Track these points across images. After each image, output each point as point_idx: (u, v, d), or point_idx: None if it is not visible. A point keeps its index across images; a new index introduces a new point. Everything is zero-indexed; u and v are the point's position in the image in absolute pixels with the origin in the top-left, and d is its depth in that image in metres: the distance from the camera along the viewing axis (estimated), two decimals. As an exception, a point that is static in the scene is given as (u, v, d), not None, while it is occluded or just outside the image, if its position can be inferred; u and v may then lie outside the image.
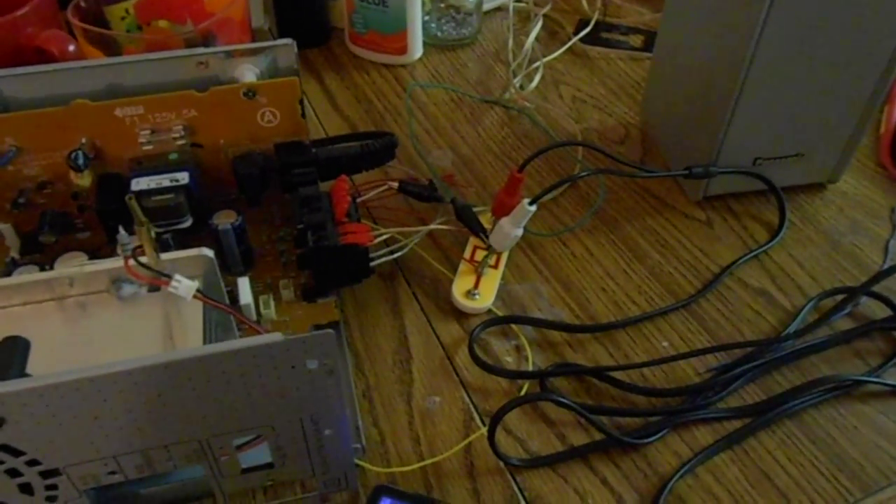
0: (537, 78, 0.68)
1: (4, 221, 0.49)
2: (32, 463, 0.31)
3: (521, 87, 0.68)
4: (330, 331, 0.31)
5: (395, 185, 0.53)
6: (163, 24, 0.63)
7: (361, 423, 0.43)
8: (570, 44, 0.73)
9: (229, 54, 0.47)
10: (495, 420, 0.41)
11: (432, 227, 0.51)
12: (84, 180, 0.46)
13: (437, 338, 0.48)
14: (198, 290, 0.35)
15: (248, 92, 0.47)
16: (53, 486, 0.32)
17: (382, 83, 0.70)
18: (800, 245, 0.55)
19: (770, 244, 0.54)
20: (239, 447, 0.35)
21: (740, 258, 0.53)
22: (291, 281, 0.48)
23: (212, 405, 0.31)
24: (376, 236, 0.48)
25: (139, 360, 0.29)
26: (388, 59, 0.71)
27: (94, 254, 0.49)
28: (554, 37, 0.76)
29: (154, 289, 0.38)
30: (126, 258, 0.35)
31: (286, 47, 0.47)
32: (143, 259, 0.36)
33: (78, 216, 0.50)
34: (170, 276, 0.34)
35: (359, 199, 0.52)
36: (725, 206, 0.58)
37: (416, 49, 0.71)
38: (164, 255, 0.37)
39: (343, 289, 0.50)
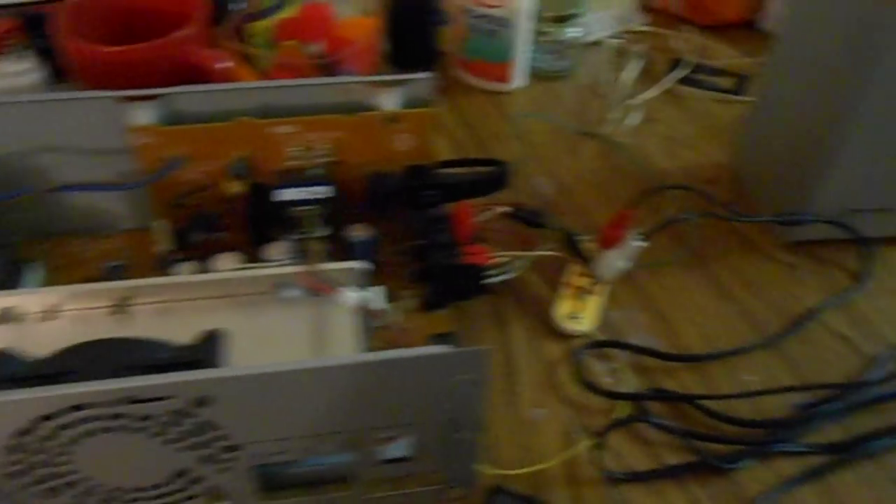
0: (635, 116, 0.72)
1: (161, 218, 0.55)
2: (221, 438, 0.36)
3: (616, 122, 0.72)
4: (483, 348, 0.35)
5: (509, 209, 0.58)
6: (292, 43, 0.69)
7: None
8: (667, 84, 0.77)
9: (374, 83, 0.52)
10: (603, 434, 0.45)
11: (542, 252, 0.56)
12: (239, 188, 0.52)
13: (541, 354, 0.53)
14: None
15: (392, 118, 0.52)
16: (230, 460, 0.38)
17: (485, 108, 0.74)
18: (885, 295, 0.58)
19: (855, 292, 0.57)
20: (384, 440, 0.40)
21: (825, 303, 0.57)
22: (413, 292, 0.53)
23: (378, 402, 0.36)
24: (493, 258, 0.53)
25: (338, 358, 0.34)
26: (493, 86, 0.76)
27: (235, 251, 0.55)
28: (646, 74, 0.80)
29: (312, 294, 0.43)
30: (304, 268, 0.40)
31: (424, 80, 0.52)
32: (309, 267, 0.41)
33: (224, 218, 0.55)
34: (342, 288, 0.39)
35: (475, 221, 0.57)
36: (812, 251, 0.61)
37: (520, 78, 0.76)
38: (326, 266, 0.42)
39: (456, 303, 0.55)
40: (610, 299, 0.56)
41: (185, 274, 0.49)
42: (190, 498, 0.38)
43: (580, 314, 0.54)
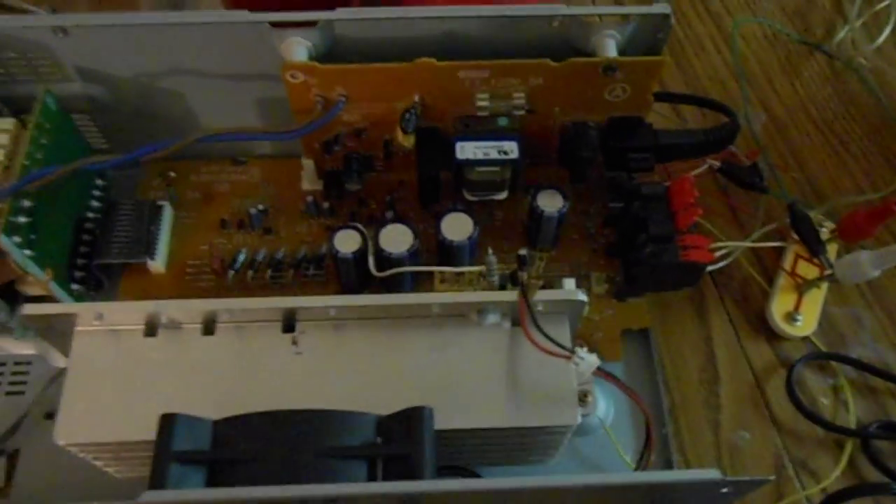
0: (887, 30, 0.57)
1: (308, 157, 0.46)
2: None
3: (854, 33, 0.57)
4: (763, 478, 0.28)
5: (717, 164, 0.47)
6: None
7: (675, 456, 0.42)
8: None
9: (592, 16, 0.40)
10: None
11: (766, 245, 0.46)
12: (409, 140, 0.42)
13: (748, 359, 0.45)
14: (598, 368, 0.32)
15: (610, 68, 0.40)
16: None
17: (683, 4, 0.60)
18: None
19: None
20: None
21: None
22: (604, 275, 0.45)
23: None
24: (715, 254, 0.43)
25: (608, 477, 0.28)
26: (694, -33, 0.61)
27: (399, 204, 0.47)
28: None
29: (514, 323, 0.35)
30: (524, 318, 0.32)
31: (661, 17, 0.40)
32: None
33: (382, 160, 0.46)
34: (573, 352, 0.32)
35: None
36: None
37: (729, -43, 0.60)
38: (539, 296, 0.34)
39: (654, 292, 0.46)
40: (832, 292, 0.47)
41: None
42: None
43: (799, 315, 0.45)
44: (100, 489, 0.39)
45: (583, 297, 0.34)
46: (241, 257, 0.45)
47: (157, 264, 0.44)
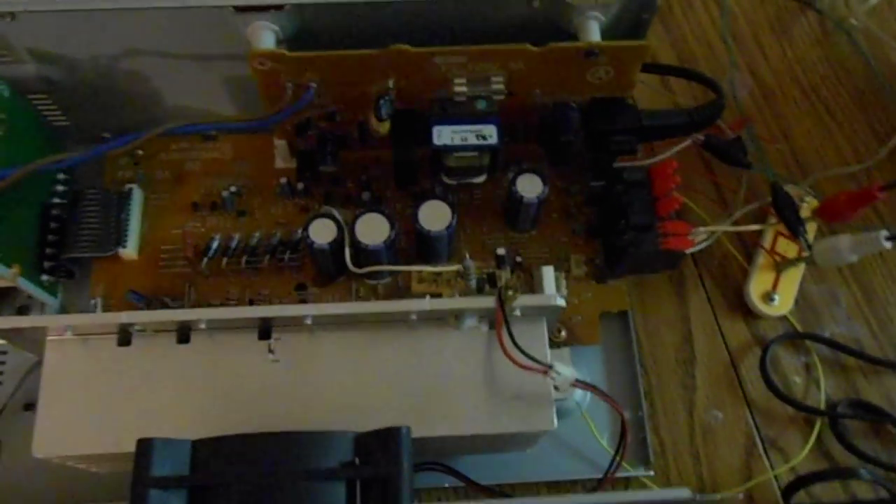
0: (880, -11, 0.54)
1: (280, 138, 0.45)
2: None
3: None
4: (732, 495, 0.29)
5: (701, 139, 0.46)
6: None
7: (649, 437, 0.42)
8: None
9: (575, -2, 0.38)
10: (792, 488, 0.40)
11: (747, 228, 0.45)
12: (383, 127, 0.40)
13: (723, 338, 0.45)
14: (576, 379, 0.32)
15: (591, 52, 0.38)
16: None
17: (672, -52, 0.57)
18: None
19: None
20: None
21: None
22: (583, 257, 0.45)
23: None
24: (695, 239, 0.43)
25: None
26: (684, -87, 0.57)
27: (375, 183, 0.45)
28: None
29: (492, 326, 0.35)
30: (501, 336, 0.32)
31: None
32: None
33: (357, 140, 0.45)
34: (550, 367, 0.32)
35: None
36: None
37: None
38: (516, 301, 0.34)
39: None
40: (810, 269, 0.47)
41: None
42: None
43: (776, 294, 0.45)
44: (83, 480, 0.39)
45: (561, 301, 0.34)
46: (215, 244, 0.44)
47: (129, 251, 0.43)
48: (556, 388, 0.32)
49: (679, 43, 0.53)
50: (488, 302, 0.34)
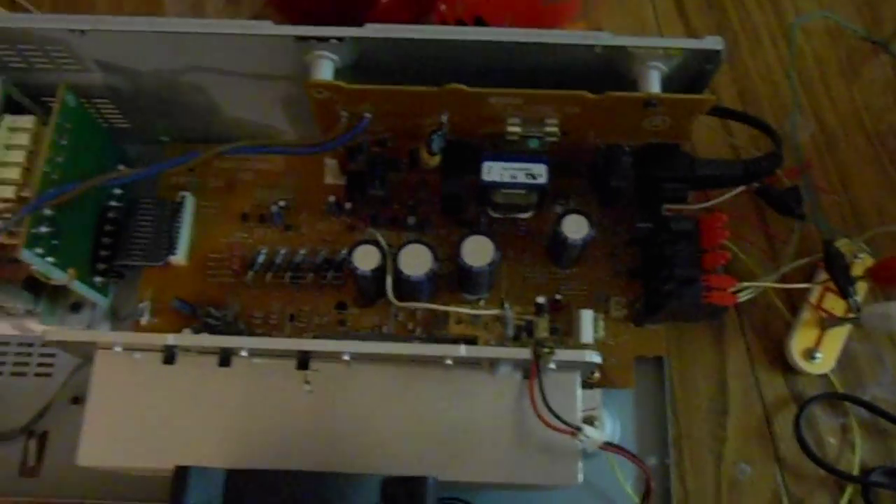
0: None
1: (331, 158, 0.45)
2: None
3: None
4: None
5: (755, 185, 0.45)
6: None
7: (673, 485, 0.42)
8: None
9: (640, 48, 0.37)
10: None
11: (791, 286, 0.44)
12: (434, 160, 0.41)
13: (760, 392, 0.45)
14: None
15: (650, 103, 0.38)
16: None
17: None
18: None
19: None
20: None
21: None
22: (624, 299, 0.44)
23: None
24: (738, 295, 0.42)
25: None
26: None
27: (422, 207, 0.46)
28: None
29: (526, 375, 0.35)
30: (534, 398, 0.32)
31: (711, 52, 0.37)
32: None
33: (407, 166, 0.45)
34: (579, 429, 0.32)
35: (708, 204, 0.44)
36: None
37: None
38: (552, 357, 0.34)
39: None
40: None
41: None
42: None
43: (819, 352, 0.44)
44: (125, 478, 0.41)
45: (596, 359, 0.34)
46: (261, 258, 0.45)
47: (179, 258, 0.45)
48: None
49: (742, 79, 0.52)
50: (523, 353, 0.34)
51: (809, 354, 0.45)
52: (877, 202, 0.49)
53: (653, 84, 0.37)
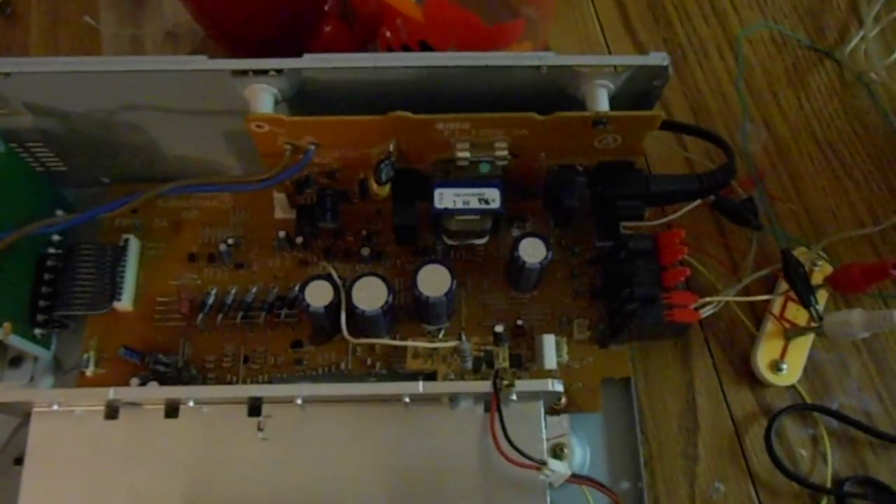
0: (900, 41, 0.53)
1: (280, 191, 0.44)
2: None
3: (868, 44, 0.53)
4: None
5: (711, 198, 0.45)
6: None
7: (647, 510, 0.41)
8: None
9: (585, 67, 0.36)
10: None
11: (753, 298, 0.44)
12: (383, 191, 0.40)
13: (728, 408, 0.44)
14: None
15: (600, 121, 0.37)
16: None
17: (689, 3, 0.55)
18: None
19: None
20: None
21: None
22: (586, 321, 0.43)
23: None
24: (700, 311, 0.41)
25: None
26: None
27: (376, 237, 0.44)
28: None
29: (487, 408, 0.34)
30: (495, 434, 0.31)
31: (657, 68, 0.36)
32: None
33: (357, 196, 0.44)
34: (544, 463, 0.31)
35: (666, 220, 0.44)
36: None
37: (741, -53, 0.55)
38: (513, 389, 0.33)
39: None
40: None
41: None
42: None
43: (784, 363, 0.44)
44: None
45: (559, 387, 0.33)
46: (210, 299, 0.43)
47: (124, 304, 0.43)
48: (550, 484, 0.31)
49: (692, 92, 0.52)
50: (484, 387, 0.33)
51: (775, 366, 0.44)
52: (831, 208, 0.49)
53: (601, 102, 0.37)
